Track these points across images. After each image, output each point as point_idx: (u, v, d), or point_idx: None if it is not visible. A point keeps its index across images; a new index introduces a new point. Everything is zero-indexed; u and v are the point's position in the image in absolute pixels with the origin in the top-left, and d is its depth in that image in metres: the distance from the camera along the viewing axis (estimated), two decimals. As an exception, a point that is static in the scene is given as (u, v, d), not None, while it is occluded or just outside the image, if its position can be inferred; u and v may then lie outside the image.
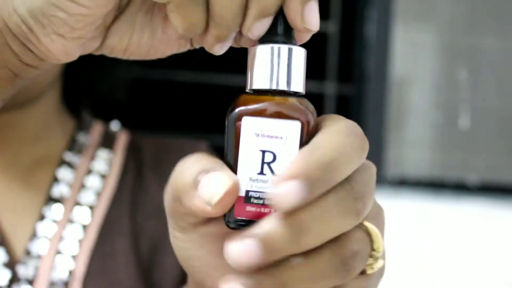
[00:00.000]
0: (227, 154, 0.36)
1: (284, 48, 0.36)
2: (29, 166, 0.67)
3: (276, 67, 0.36)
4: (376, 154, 1.20)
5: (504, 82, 1.31)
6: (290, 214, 0.32)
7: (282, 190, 0.31)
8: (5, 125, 0.66)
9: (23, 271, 0.62)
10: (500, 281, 1.23)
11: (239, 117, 0.35)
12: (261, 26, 0.35)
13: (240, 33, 0.36)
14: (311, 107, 0.36)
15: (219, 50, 0.36)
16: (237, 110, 0.35)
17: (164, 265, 0.67)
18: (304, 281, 0.33)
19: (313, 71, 0.38)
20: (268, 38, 0.36)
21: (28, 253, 0.63)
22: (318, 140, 0.33)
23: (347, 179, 0.33)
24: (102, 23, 0.38)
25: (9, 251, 0.63)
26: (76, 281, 0.63)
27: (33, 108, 0.67)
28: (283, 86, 0.36)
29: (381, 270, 0.37)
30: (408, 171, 1.27)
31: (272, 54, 0.36)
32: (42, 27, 0.36)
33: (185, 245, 0.39)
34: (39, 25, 0.36)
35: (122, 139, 0.73)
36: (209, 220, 0.37)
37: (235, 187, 0.34)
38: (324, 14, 1.25)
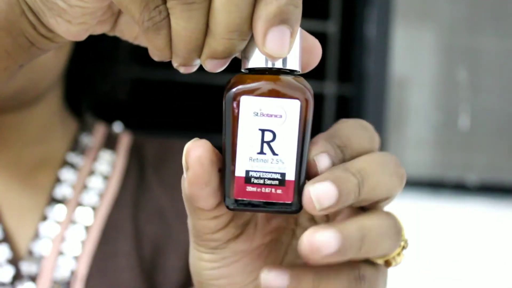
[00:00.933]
0: (225, 136, 0.35)
1: None
2: (31, 167, 0.67)
3: None
4: (376, 154, 1.20)
5: (504, 82, 1.31)
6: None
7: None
8: (7, 126, 0.66)
9: (26, 268, 0.62)
10: (500, 281, 1.23)
11: (236, 96, 0.35)
12: (213, 65, 0.35)
13: None
14: (308, 85, 0.35)
15: (184, 71, 0.36)
16: (234, 89, 0.35)
17: (166, 267, 0.67)
18: (373, 229, 0.36)
19: (313, 71, 0.39)
20: None
21: (30, 253, 0.63)
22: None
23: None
24: (108, 11, 0.39)
25: (12, 248, 0.63)
26: (78, 282, 0.63)
27: (35, 109, 0.67)
28: (278, 64, 0.35)
29: (386, 278, 0.40)
30: (408, 171, 1.26)
31: None
32: (47, 9, 0.37)
33: (214, 265, 0.40)
34: (45, 7, 0.37)
35: (125, 141, 0.73)
36: (238, 236, 0.39)
37: (197, 141, 0.35)
38: (324, 14, 1.25)
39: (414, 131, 1.30)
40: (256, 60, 0.35)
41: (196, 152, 0.35)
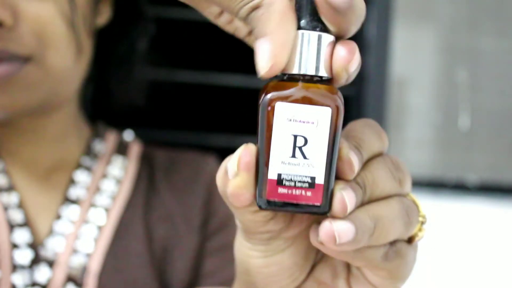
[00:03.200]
0: (259, 139, 0.37)
1: (314, 34, 0.37)
2: (48, 168, 0.70)
3: (306, 53, 0.37)
4: (376, 154, 1.20)
5: (504, 82, 1.31)
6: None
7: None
8: (28, 129, 0.69)
9: (43, 253, 0.65)
10: (500, 281, 1.23)
11: (271, 102, 0.37)
12: None
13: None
14: (339, 93, 0.37)
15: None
16: (269, 95, 0.37)
17: (174, 267, 0.70)
18: (386, 217, 0.38)
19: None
20: (298, 26, 0.37)
21: (45, 250, 0.66)
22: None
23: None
24: None
25: (33, 233, 0.66)
26: (91, 278, 0.65)
27: (55, 115, 0.70)
28: (311, 71, 0.37)
29: (416, 252, 0.43)
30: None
31: (302, 40, 0.37)
32: None
33: (265, 253, 0.42)
34: None
35: (135, 148, 0.76)
36: (289, 223, 0.41)
37: (248, 148, 0.37)
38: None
39: (414, 131, 1.30)
40: (290, 66, 0.37)
41: (246, 159, 0.37)
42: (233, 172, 0.37)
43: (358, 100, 1.21)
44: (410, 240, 0.42)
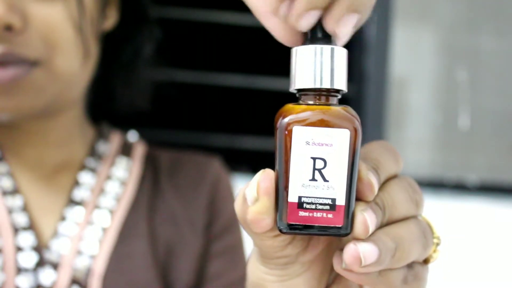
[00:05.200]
0: (277, 163, 0.37)
1: (327, 48, 0.37)
2: (53, 169, 0.71)
3: (319, 66, 0.37)
4: (376, 154, 1.20)
5: (504, 82, 1.31)
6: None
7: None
8: (34, 131, 0.70)
9: (48, 256, 0.65)
10: (500, 281, 1.23)
11: (288, 126, 0.37)
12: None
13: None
14: (355, 113, 0.38)
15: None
16: (287, 119, 0.37)
17: (178, 269, 0.70)
18: (406, 238, 0.39)
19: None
20: (309, 41, 0.38)
21: (50, 250, 0.66)
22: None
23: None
24: None
25: (37, 236, 0.66)
26: (95, 280, 0.65)
27: (60, 117, 0.70)
28: (326, 85, 0.37)
29: (427, 274, 0.43)
30: (408, 171, 1.27)
31: (315, 54, 0.37)
32: None
33: (281, 278, 0.42)
34: None
35: (140, 149, 0.77)
36: (306, 247, 0.41)
37: (266, 173, 0.37)
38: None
39: (414, 131, 1.30)
40: (305, 81, 0.37)
41: (265, 184, 0.37)
42: (253, 198, 0.37)
43: (358, 100, 1.21)
44: (425, 262, 0.43)
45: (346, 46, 0.39)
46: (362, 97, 1.21)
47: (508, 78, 1.31)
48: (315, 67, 0.37)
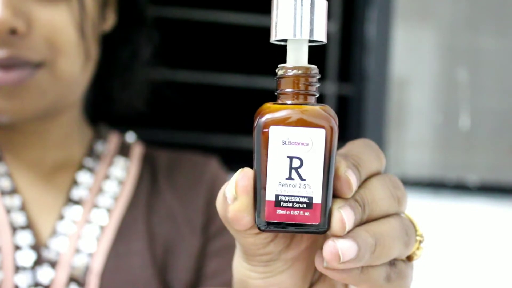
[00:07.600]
0: (255, 162, 0.38)
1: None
2: (51, 169, 0.71)
3: (300, 16, 0.38)
4: (376, 154, 1.20)
5: (504, 82, 1.31)
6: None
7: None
8: (33, 132, 0.70)
9: (46, 255, 0.66)
10: (500, 281, 1.23)
11: (266, 126, 0.37)
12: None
13: None
14: (333, 113, 0.38)
15: None
16: (264, 118, 0.37)
17: (176, 267, 0.70)
18: (387, 235, 0.39)
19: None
20: None
21: (48, 249, 0.67)
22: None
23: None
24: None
25: (35, 234, 0.67)
26: (93, 277, 0.66)
27: (59, 118, 0.71)
28: (306, 35, 0.38)
29: (412, 271, 0.44)
30: (408, 171, 1.27)
31: (295, 4, 0.38)
32: None
33: (265, 275, 0.42)
34: None
35: (137, 150, 0.77)
36: (289, 244, 0.42)
37: (244, 172, 0.38)
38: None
39: (414, 131, 1.30)
40: (284, 31, 0.38)
41: (243, 182, 0.38)
42: (232, 197, 0.38)
43: (358, 100, 1.21)
44: (409, 259, 0.43)
45: (347, 46, 0.39)
46: (362, 97, 1.20)
47: (508, 78, 1.31)
48: (295, 18, 0.37)
